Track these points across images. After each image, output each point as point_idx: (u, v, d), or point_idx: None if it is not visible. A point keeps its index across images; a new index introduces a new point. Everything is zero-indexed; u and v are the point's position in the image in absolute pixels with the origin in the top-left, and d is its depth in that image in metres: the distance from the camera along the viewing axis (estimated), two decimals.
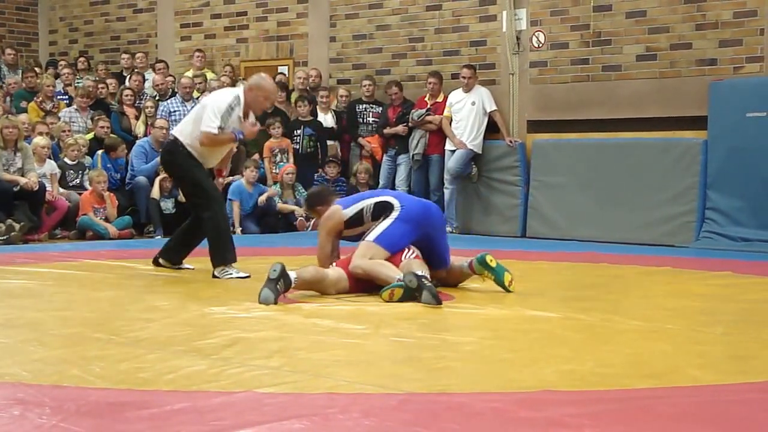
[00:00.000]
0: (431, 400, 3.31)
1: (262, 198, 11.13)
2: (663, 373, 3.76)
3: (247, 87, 6.84)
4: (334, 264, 6.00)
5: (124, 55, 13.87)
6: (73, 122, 11.87)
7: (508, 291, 5.87)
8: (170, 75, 12.89)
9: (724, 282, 6.81)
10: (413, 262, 5.85)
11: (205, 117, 6.65)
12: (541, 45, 11.27)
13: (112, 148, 11.24)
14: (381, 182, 11.62)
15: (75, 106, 12.13)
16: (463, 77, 11.23)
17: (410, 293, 5.45)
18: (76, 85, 12.91)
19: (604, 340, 4.52)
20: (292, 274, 5.51)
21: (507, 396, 3.36)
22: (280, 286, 5.40)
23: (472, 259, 6.02)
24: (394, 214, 5.96)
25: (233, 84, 12.70)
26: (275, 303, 5.33)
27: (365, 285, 5.80)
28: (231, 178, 11.47)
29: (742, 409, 3.27)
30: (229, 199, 10.99)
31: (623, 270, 7.54)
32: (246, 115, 6.81)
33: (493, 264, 5.89)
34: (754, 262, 8.18)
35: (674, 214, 10.16)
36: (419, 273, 5.51)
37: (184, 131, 6.88)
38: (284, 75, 12.96)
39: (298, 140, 11.82)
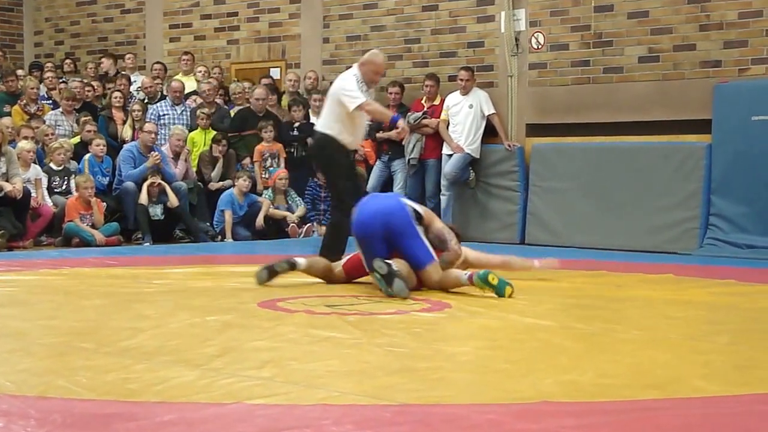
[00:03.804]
0: (426, 412, 3.28)
1: (259, 221, 10.98)
2: (665, 384, 3.72)
3: (360, 63, 7.60)
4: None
5: (104, 59, 13.73)
6: (59, 125, 11.66)
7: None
8: (158, 77, 12.77)
9: (729, 290, 6.76)
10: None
11: (347, 99, 7.24)
12: (540, 46, 11.19)
13: (87, 142, 11.13)
14: (369, 186, 11.47)
15: (61, 109, 11.90)
16: (461, 79, 11.15)
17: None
18: (61, 87, 12.64)
19: (605, 349, 4.49)
20: (302, 261, 6.35)
21: (504, 407, 3.33)
22: (280, 269, 6.29)
23: (473, 273, 6.02)
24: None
25: (221, 86, 12.60)
26: (266, 282, 6.30)
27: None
28: (221, 184, 11.40)
29: (747, 420, 3.24)
30: (221, 210, 10.92)
31: (624, 278, 7.50)
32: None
33: (495, 282, 5.90)
34: (759, 270, 8.14)
35: (677, 221, 10.07)
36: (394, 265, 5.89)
37: (332, 127, 7.33)
38: (271, 78, 12.82)
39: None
